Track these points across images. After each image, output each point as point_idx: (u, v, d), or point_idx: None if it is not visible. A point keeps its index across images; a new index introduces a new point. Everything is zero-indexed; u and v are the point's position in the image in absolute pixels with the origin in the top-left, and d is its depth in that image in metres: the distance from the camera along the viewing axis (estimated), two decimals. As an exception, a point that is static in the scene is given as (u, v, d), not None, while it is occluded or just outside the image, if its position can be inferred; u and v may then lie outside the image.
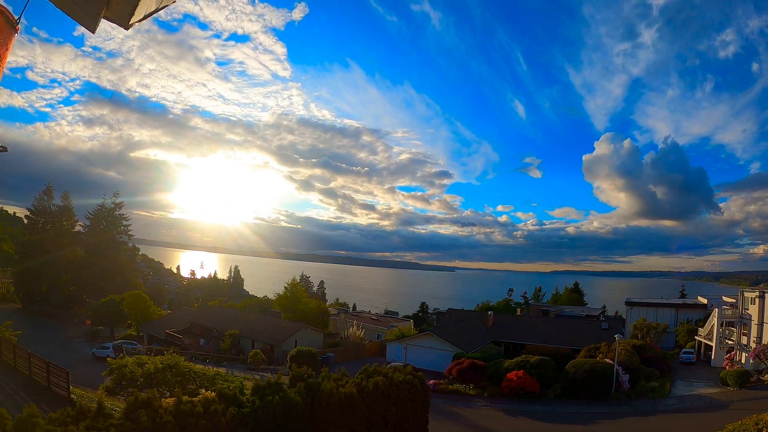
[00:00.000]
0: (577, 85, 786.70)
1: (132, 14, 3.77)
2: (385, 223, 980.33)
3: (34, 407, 9.88)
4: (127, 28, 3.90)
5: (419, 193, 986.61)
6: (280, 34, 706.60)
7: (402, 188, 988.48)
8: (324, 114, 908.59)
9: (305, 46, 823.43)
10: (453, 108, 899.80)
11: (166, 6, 4.24)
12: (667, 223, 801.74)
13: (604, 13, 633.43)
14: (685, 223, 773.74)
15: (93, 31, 3.80)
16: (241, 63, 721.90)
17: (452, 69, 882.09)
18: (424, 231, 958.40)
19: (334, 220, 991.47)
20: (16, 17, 3.69)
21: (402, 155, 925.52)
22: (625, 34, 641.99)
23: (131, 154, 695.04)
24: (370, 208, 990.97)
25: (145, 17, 3.98)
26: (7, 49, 3.66)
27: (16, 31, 3.71)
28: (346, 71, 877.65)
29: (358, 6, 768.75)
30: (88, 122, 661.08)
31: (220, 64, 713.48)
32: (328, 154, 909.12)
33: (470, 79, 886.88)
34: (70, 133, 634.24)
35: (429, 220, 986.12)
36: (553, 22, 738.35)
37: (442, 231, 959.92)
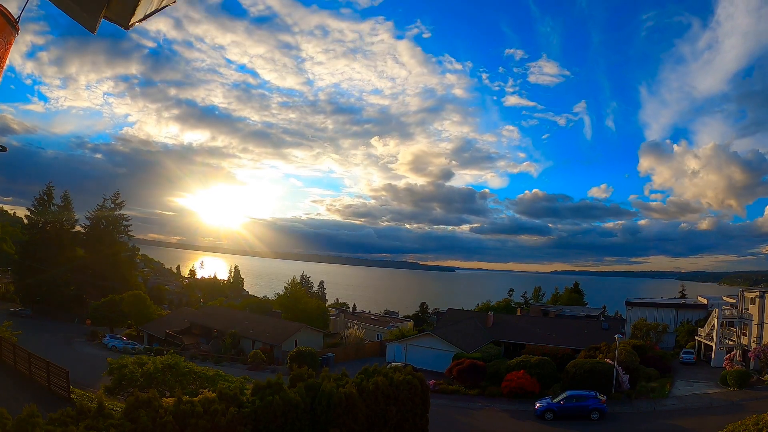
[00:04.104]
0: (644, 104, 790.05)
1: (132, 14, 3.77)
2: (398, 223, 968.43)
3: (34, 407, 9.88)
4: (127, 29, 3.91)
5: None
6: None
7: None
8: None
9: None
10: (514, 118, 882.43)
11: (167, 6, 4.25)
12: (691, 218, 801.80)
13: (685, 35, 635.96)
14: (709, 225, 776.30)
15: (93, 31, 3.80)
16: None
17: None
18: (438, 229, 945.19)
19: (339, 220, 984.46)
20: (16, 18, 3.69)
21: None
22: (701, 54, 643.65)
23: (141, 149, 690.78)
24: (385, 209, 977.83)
25: (145, 17, 3.99)
26: (7, 49, 3.66)
27: (16, 31, 3.71)
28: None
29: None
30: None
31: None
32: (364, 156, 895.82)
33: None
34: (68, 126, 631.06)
35: (460, 220, 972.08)
36: (642, 45, 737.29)
37: (462, 232, 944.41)
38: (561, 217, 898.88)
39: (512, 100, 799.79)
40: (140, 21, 3.96)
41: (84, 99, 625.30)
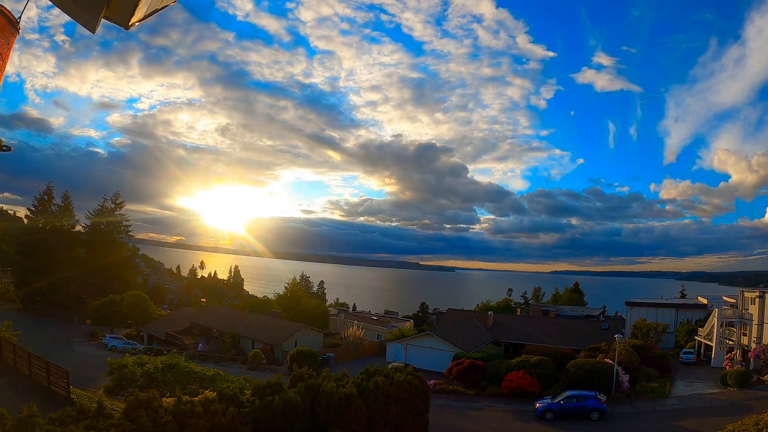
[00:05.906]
0: (667, 112, 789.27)
1: (132, 14, 3.77)
2: (408, 223, 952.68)
3: (34, 407, 9.89)
4: (127, 29, 3.91)
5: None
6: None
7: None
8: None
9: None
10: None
11: (167, 6, 4.24)
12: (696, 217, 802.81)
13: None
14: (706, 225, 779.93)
15: (93, 31, 3.80)
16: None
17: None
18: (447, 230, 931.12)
19: (341, 219, 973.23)
20: (17, 17, 3.69)
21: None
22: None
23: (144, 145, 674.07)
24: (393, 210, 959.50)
25: (145, 17, 3.99)
26: (9, 50, 3.66)
27: (17, 30, 3.71)
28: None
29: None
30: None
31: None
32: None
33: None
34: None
35: (473, 219, 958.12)
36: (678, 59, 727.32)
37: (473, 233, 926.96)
38: (579, 216, 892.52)
39: (546, 99, 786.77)
40: (140, 21, 3.96)
41: (79, 87, 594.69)
